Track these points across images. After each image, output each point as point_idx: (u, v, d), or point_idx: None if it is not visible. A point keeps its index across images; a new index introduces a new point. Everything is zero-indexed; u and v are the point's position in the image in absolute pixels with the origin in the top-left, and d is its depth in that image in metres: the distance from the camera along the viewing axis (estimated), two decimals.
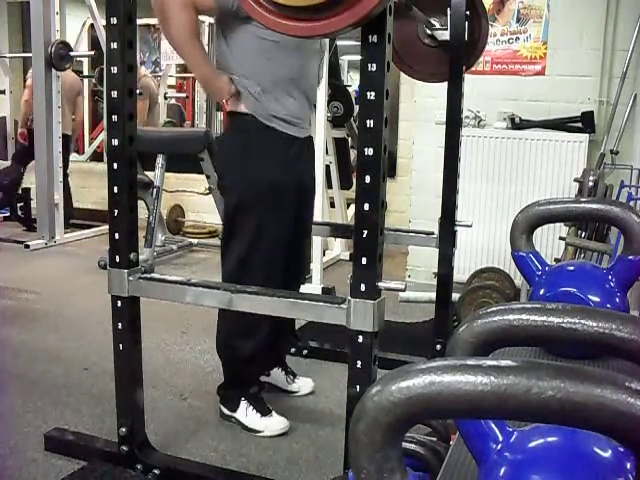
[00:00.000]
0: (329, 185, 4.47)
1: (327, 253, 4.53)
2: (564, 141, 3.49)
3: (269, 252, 2.14)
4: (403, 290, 1.56)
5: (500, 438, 0.75)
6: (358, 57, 1.47)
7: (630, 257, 1.41)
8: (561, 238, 2.87)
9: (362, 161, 1.48)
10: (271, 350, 2.36)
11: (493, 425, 0.76)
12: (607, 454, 0.70)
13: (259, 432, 2.22)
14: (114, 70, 1.72)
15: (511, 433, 0.76)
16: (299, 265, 2.45)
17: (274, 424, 2.23)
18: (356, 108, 4.20)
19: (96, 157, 7.08)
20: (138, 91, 1.92)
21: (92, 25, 5.90)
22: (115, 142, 1.76)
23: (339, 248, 4.70)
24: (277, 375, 2.51)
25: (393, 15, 1.43)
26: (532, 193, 3.46)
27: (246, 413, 2.24)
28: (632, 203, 2.92)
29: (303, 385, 2.53)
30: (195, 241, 5.13)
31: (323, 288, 3.69)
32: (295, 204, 2.19)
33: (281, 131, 2.10)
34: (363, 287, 1.53)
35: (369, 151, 1.46)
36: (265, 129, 2.08)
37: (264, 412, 2.25)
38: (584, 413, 0.55)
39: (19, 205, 5.58)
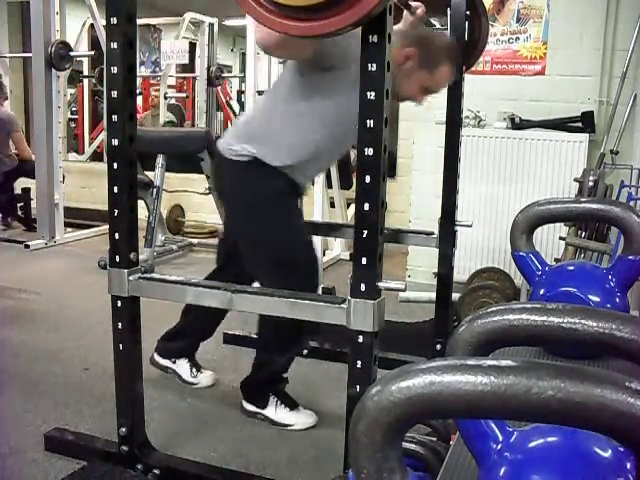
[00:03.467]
0: (329, 185, 4.47)
1: (327, 253, 4.53)
2: (564, 141, 3.49)
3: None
4: (403, 290, 1.55)
5: (500, 438, 0.75)
6: None
7: (630, 257, 1.41)
8: (561, 238, 2.87)
9: (362, 161, 1.48)
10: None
11: (493, 425, 0.76)
12: (607, 454, 0.70)
13: (290, 426, 2.24)
14: (114, 70, 1.72)
15: (511, 433, 0.76)
16: None
17: (303, 418, 2.27)
18: None
19: (96, 157, 7.09)
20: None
21: (92, 25, 5.90)
22: (115, 142, 1.76)
23: (339, 248, 4.70)
24: (182, 365, 2.54)
25: (393, 15, 1.43)
26: (532, 193, 3.46)
27: (276, 409, 2.26)
28: (632, 203, 2.92)
29: (204, 377, 2.56)
30: (195, 241, 5.13)
31: (323, 288, 3.69)
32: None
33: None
34: (363, 287, 1.53)
35: (369, 151, 1.46)
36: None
37: (292, 406, 2.28)
38: (584, 413, 0.55)
39: (19, 205, 5.58)
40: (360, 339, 1.55)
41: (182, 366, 2.54)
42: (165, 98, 7.37)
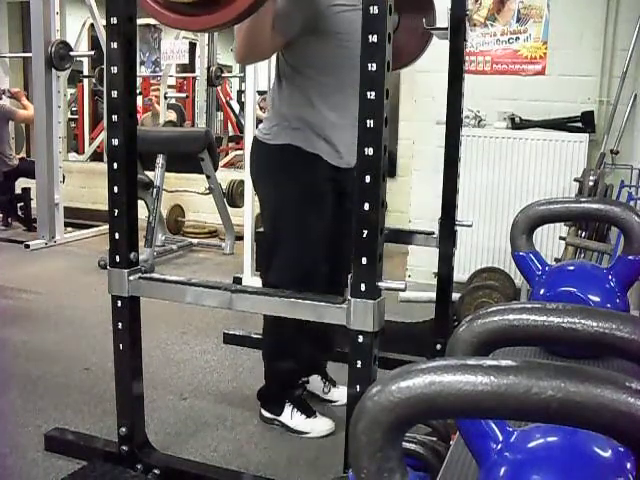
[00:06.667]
0: None
1: None
2: (564, 141, 3.48)
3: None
4: (403, 290, 1.55)
5: (500, 438, 0.75)
6: None
7: (630, 257, 1.41)
8: (561, 238, 2.87)
9: (362, 161, 1.48)
10: (312, 357, 2.36)
11: (493, 425, 0.76)
12: (607, 454, 0.70)
13: (306, 434, 2.20)
14: (114, 70, 1.72)
15: (511, 433, 0.76)
16: None
17: (320, 425, 2.21)
18: None
19: (96, 157, 7.09)
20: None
21: (92, 25, 5.90)
22: (115, 142, 1.76)
23: None
24: (316, 382, 2.45)
25: (393, 15, 1.43)
26: (532, 193, 3.46)
27: (291, 416, 2.22)
28: (632, 203, 2.92)
29: (344, 394, 2.45)
30: (195, 241, 5.13)
31: None
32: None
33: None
34: (363, 287, 1.53)
35: (369, 151, 1.46)
36: None
37: (309, 414, 2.23)
38: (584, 413, 0.55)
39: (19, 205, 5.59)
40: (360, 339, 1.55)
41: (317, 382, 2.44)
42: (165, 98, 7.36)
